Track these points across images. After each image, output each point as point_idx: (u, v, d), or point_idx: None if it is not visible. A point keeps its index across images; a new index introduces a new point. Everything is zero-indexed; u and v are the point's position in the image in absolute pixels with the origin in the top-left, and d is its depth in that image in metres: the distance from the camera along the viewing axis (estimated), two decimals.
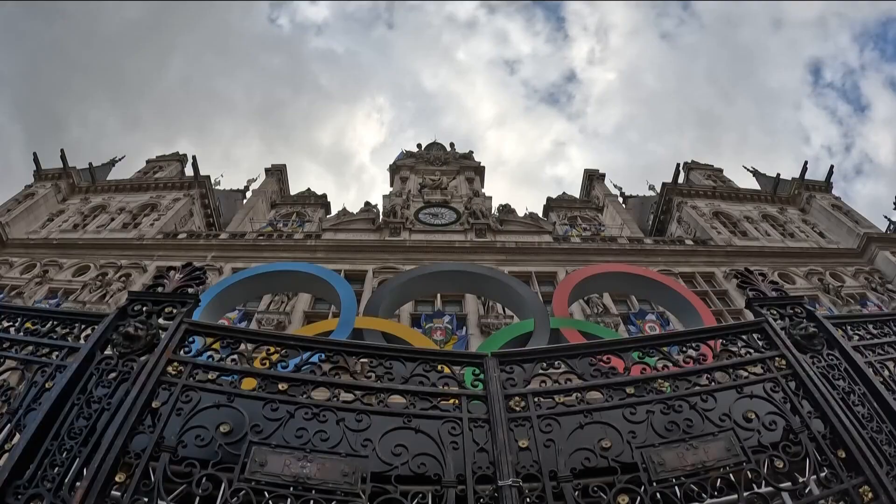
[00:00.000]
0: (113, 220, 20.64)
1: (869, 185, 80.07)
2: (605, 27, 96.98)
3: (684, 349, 3.37)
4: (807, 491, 2.67)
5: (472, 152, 28.19)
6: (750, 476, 2.68)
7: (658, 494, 2.59)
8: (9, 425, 2.72)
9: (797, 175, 23.77)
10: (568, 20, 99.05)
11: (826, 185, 23.51)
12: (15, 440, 2.60)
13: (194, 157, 23.94)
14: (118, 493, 2.46)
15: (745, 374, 3.20)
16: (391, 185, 25.05)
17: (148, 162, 27.09)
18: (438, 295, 14.62)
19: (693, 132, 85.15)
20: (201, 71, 79.09)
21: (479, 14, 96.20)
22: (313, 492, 2.48)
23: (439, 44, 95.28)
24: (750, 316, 3.87)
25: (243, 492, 2.45)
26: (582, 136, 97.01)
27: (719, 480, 3.01)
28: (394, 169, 25.81)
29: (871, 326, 3.76)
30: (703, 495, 2.55)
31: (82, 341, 3.17)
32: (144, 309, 3.33)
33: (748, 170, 27.65)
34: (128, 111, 73.27)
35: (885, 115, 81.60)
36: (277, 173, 27.04)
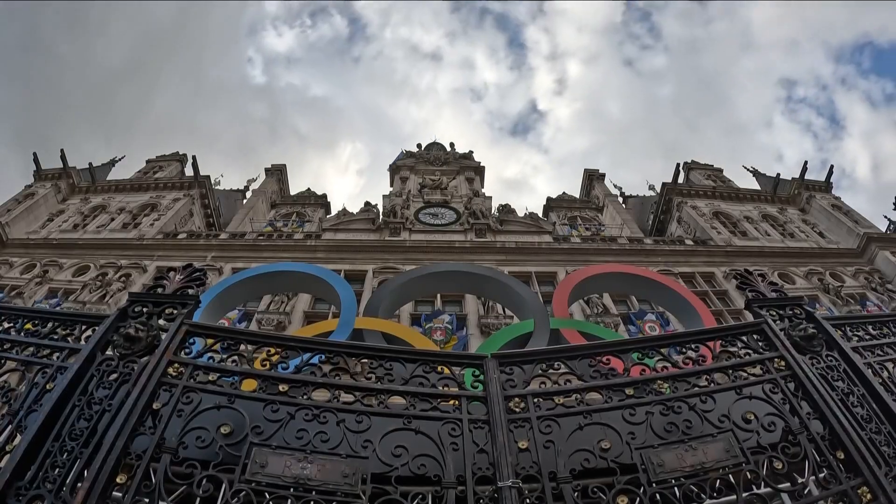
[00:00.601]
0: (113, 220, 20.64)
1: (847, 201, 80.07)
2: (564, 54, 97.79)
3: (683, 350, 3.38)
4: (806, 492, 2.67)
5: (472, 152, 28.18)
6: (749, 477, 2.69)
7: (657, 495, 2.60)
8: (10, 426, 2.73)
9: (797, 175, 23.79)
10: (529, 48, 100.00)
11: (826, 185, 23.51)
12: (16, 441, 2.61)
13: (194, 157, 23.96)
14: (119, 495, 2.46)
15: (745, 375, 3.21)
16: (391, 185, 25.05)
17: (148, 162, 27.09)
18: (438, 295, 14.62)
19: (662, 155, 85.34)
20: (183, 108, 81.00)
21: (442, 44, 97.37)
22: (314, 493, 2.49)
23: (405, 77, 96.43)
24: (750, 316, 3.87)
25: (244, 493, 2.46)
26: (549, 165, 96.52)
27: (718, 481, 3.02)
28: (394, 169, 25.81)
29: (870, 327, 3.77)
30: (703, 496, 2.56)
31: (83, 342, 3.18)
32: (145, 310, 3.34)
33: (748, 170, 27.70)
34: (119, 144, 75.70)
35: (862, 130, 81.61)
36: (277, 173, 27.04)
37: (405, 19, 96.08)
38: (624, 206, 26.05)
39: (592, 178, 27.46)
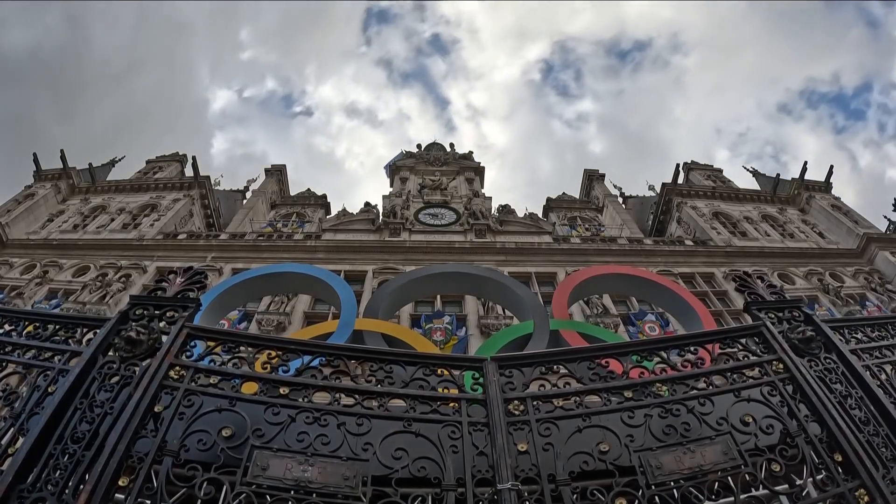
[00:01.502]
0: (113, 220, 20.64)
1: None
2: (485, 113, 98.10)
3: (682, 353, 3.39)
4: (804, 494, 2.68)
5: (472, 153, 28.19)
6: (747, 479, 2.70)
7: (656, 497, 2.62)
8: (12, 429, 2.74)
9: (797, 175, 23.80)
10: (452, 103, 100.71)
11: (826, 186, 23.50)
12: (18, 444, 2.62)
13: (194, 158, 23.94)
14: (121, 497, 2.48)
15: (743, 377, 3.23)
16: (391, 186, 25.06)
17: (148, 162, 27.09)
18: (438, 296, 14.63)
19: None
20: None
21: (379, 105, 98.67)
22: (314, 495, 2.51)
23: (348, 137, 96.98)
24: (749, 318, 3.89)
25: (245, 495, 2.48)
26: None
27: (716, 483, 3.03)
28: (393, 169, 25.82)
29: (868, 329, 3.78)
30: (701, 498, 2.58)
31: (84, 345, 3.19)
32: (146, 313, 3.35)
33: (748, 170, 27.75)
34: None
35: (812, 161, 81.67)
36: (277, 174, 27.05)
37: (336, 82, 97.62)
38: (624, 206, 26.03)
39: (592, 178, 27.46)
